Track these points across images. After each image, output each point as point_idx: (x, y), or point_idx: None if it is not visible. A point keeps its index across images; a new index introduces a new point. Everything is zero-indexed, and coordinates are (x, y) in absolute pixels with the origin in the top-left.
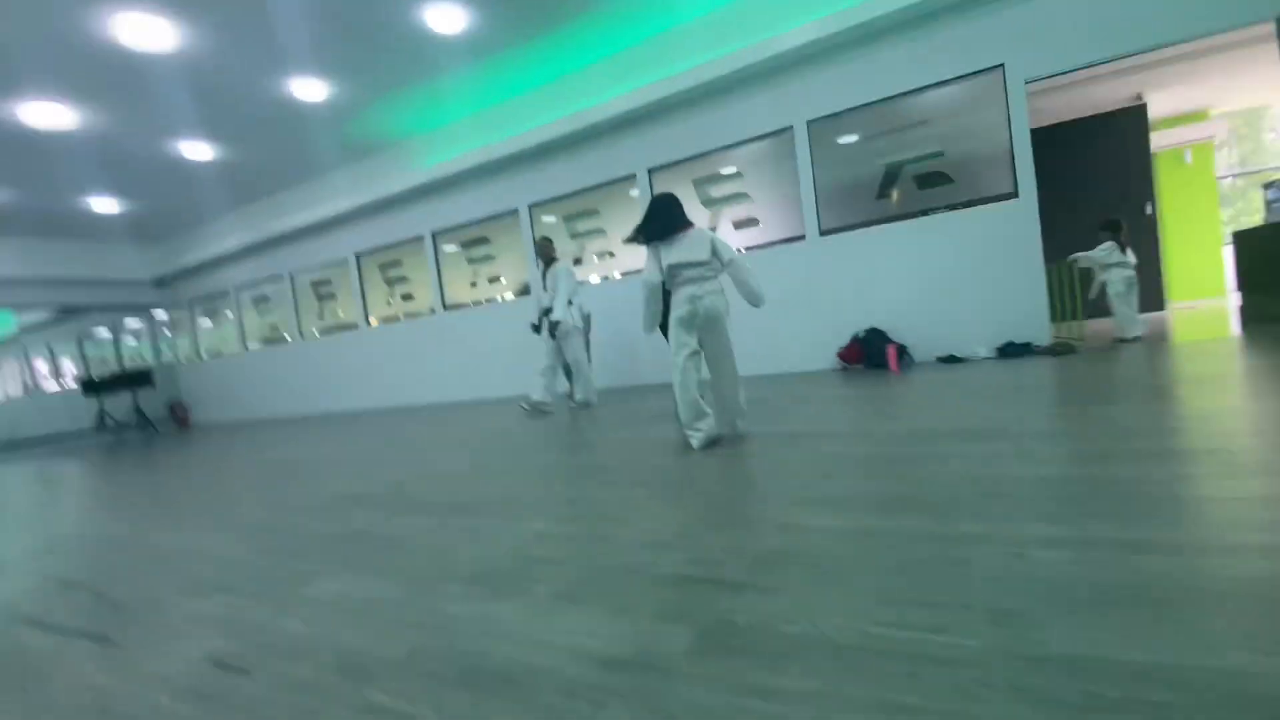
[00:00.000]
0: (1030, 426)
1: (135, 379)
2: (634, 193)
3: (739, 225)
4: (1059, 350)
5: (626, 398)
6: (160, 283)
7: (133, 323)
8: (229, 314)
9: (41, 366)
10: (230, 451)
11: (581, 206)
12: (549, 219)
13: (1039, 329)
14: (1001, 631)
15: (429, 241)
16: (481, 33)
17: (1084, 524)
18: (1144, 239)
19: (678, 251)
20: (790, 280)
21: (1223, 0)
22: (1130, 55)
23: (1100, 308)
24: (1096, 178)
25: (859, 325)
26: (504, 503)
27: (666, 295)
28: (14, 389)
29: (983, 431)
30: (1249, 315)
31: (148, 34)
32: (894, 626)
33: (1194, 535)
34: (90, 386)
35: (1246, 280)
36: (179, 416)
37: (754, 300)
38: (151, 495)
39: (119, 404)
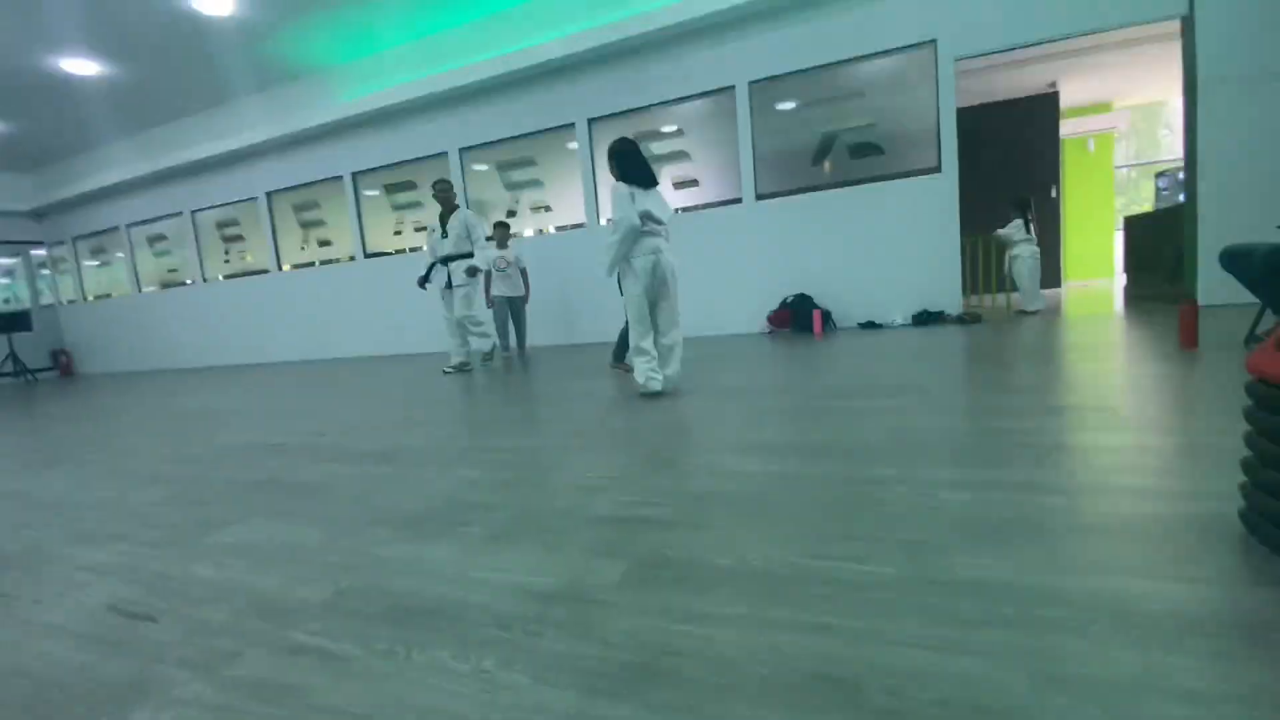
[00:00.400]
0: (938, 385)
1: (9, 322)
2: (572, 145)
3: (679, 185)
4: (968, 319)
5: (563, 354)
6: (38, 215)
7: (5, 260)
8: (119, 254)
9: None
10: (123, 401)
11: (517, 154)
12: (480, 166)
13: (952, 299)
14: (913, 560)
15: (349, 182)
16: None
17: (984, 469)
18: (1048, 221)
19: (649, 202)
20: (726, 244)
21: None
22: (1050, 41)
23: (1007, 281)
24: (1011, 160)
25: (789, 291)
26: (433, 451)
27: None
28: None
29: (895, 388)
30: (1133, 294)
31: None
32: (816, 558)
33: (1079, 479)
34: None
35: (1132, 262)
36: (62, 364)
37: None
38: (33, 445)
39: None
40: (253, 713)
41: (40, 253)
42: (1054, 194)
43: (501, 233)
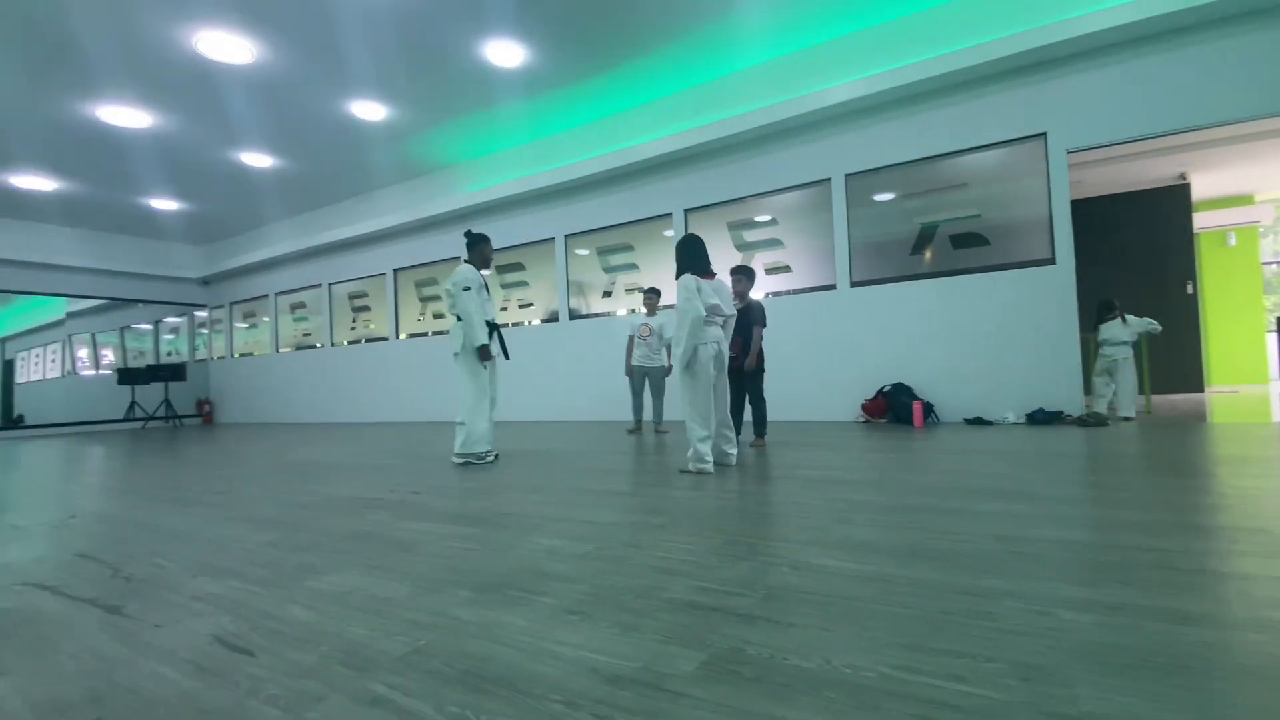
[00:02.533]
0: (1058, 491)
1: (169, 373)
2: (668, 233)
3: (771, 270)
4: (1090, 421)
5: (645, 429)
6: (205, 282)
7: (173, 319)
8: (265, 318)
9: (81, 353)
10: (249, 450)
11: (616, 240)
12: (583, 251)
13: (1071, 398)
14: (1027, 686)
15: None
16: (537, 69)
17: (1114, 589)
18: (1186, 320)
19: (715, 295)
20: (819, 328)
21: (1270, 85)
22: (1174, 133)
23: (1095, 386)
24: (1136, 253)
25: (885, 379)
26: (516, 518)
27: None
28: (53, 372)
29: (1008, 492)
30: None
31: (228, 48)
32: (911, 671)
33: (1229, 610)
34: (126, 376)
35: None
36: (204, 412)
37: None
38: (171, 483)
39: (150, 396)
40: None
41: (203, 314)
42: (1190, 290)
43: (651, 300)
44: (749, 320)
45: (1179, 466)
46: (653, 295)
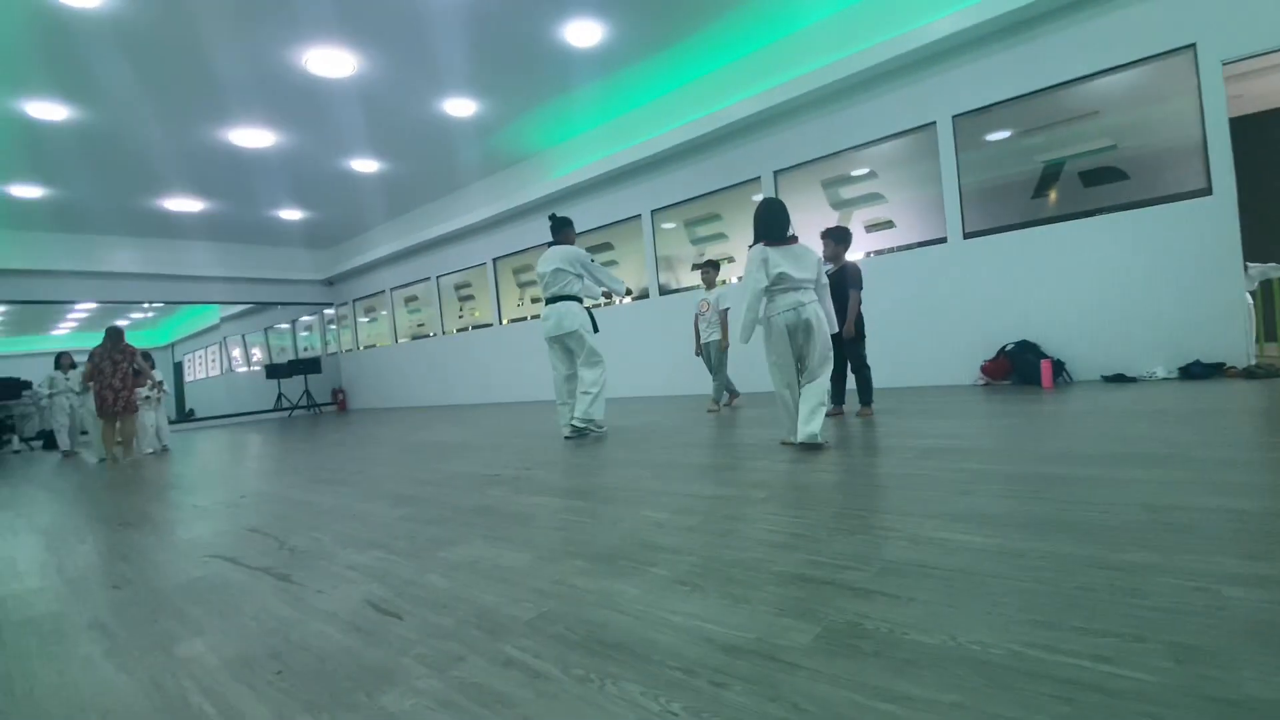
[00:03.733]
0: (1219, 454)
1: (307, 366)
2: (756, 197)
3: (872, 228)
4: (1261, 373)
5: (747, 403)
6: (330, 282)
7: (306, 317)
8: (383, 312)
9: (235, 352)
10: (379, 433)
11: (703, 211)
12: (669, 225)
13: (1235, 347)
14: (1183, 669)
15: None
16: (614, 44)
17: None
18: None
19: (785, 262)
20: (928, 286)
21: None
22: None
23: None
24: None
25: (1007, 337)
26: (622, 491)
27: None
28: (214, 370)
29: (1157, 457)
30: None
31: (332, 63)
32: (1048, 650)
33: None
34: (272, 371)
35: None
36: (339, 400)
37: (831, 325)
38: (317, 465)
39: (293, 387)
40: (472, 714)
41: (330, 312)
42: None
43: (709, 274)
44: (844, 285)
45: None
46: (710, 269)
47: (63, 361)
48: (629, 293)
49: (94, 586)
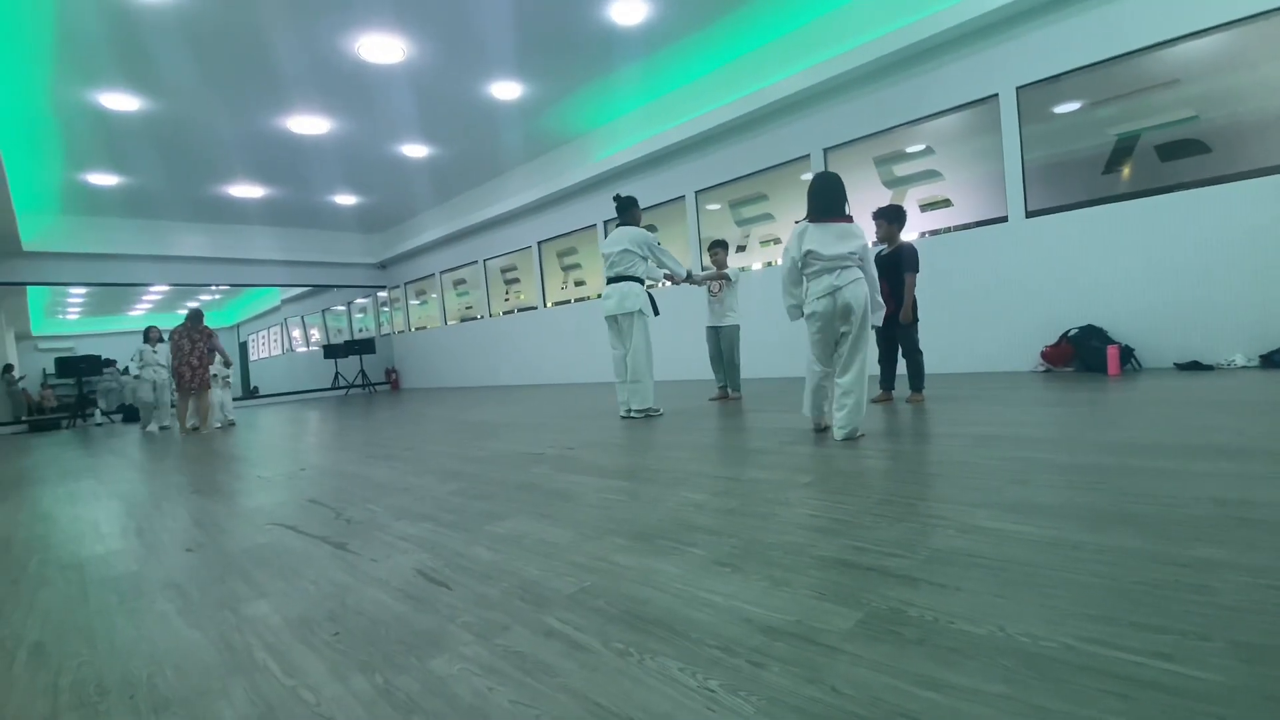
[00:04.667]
0: None
1: (362, 347)
2: (805, 176)
3: (927, 206)
4: None
5: (787, 388)
6: (382, 265)
7: (361, 300)
8: (433, 295)
9: (295, 333)
10: (430, 411)
11: (749, 191)
12: (713, 206)
13: None
14: (1250, 669)
15: (601, 230)
16: (659, 22)
17: None
18: None
19: (816, 239)
20: (987, 268)
21: None
22: None
23: None
24: None
25: (1070, 322)
26: (662, 472)
27: None
28: (276, 350)
29: (1232, 449)
30: None
31: (383, 50)
32: (1103, 645)
33: None
34: (329, 351)
35: None
36: (391, 380)
37: (877, 315)
38: (372, 441)
39: (349, 367)
40: (516, 680)
41: (383, 294)
42: None
43: (718, 254)
44: (899, 267)
45: None
46: (719, 248)
47: (151, 335)
48: (689, 277)
49: (169, 549)
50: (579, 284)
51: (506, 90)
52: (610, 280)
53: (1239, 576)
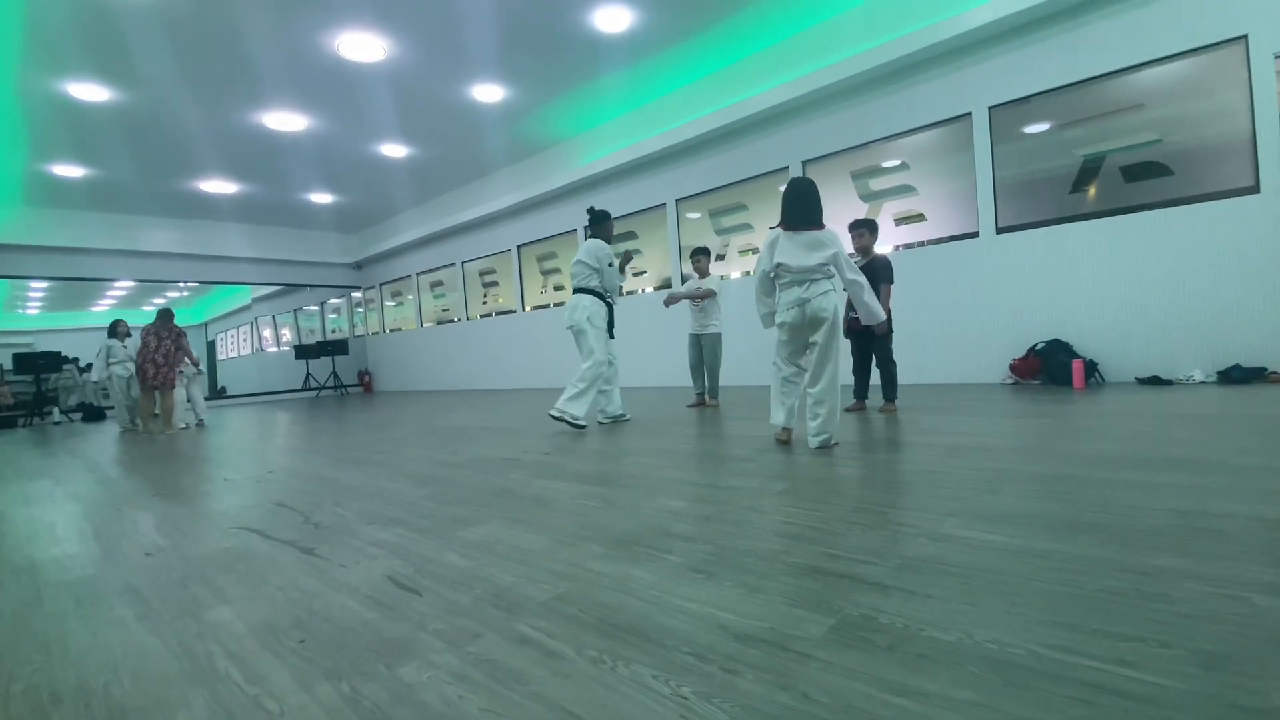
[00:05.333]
0: (1257, 461)
1: (335, 348)
2: (783, 186)
3: (901, 220)
4: None
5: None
6: (358, 266)
7: (334, 300)
8: (409, 296)
9: (265, 332)
10: (403, 414)
11: (729, 201)
12: (693, 215)
13: (1278, 352)
14: (1210, 675)
15: (580, 235)
16: (643, 31)
17: None
18: None
19: (786, 250)
20: (958, 281)
21: None
22: None
23: None
24: None
25: (1037, 336)
26: (639, 479)
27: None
28: (245, 349)
29: (1192, 461)
30: None
31: (363, 48)
32: (1068, 652)
33: None
34: (301, 351)
35: None
36: (365, 382)
37: (872, 318)
38: (343, 444)
39: (321, 368)
40: (487, 688)
41: (358, 295)
42: None
43: (701, 261)
44: (874, 278)
45: None
46: (701, 256)
47: (119, 329)
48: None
49: (128, 553)
50: (558, 289)
51: (489, 93)
52: (574, 291)
53: (1199, 585)
